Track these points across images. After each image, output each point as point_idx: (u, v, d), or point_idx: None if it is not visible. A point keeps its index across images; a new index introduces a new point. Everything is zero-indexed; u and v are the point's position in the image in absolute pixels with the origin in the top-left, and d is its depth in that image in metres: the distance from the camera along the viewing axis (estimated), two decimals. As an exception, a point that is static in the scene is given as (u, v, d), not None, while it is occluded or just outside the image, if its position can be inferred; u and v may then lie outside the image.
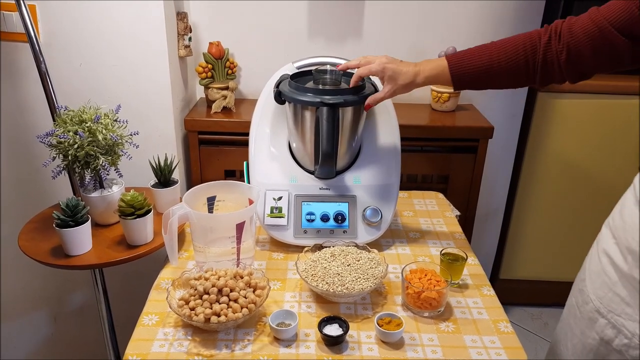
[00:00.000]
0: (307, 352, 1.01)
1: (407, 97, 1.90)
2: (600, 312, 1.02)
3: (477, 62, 1.11)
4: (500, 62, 1.09)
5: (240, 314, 1.04)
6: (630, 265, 0.96)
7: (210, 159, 1.75)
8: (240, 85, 1.90)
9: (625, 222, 0.98)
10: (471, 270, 1.28)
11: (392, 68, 1.16)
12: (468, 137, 1.75)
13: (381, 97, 1.20)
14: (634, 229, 0.95)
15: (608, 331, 1.00)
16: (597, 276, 1.04)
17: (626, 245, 0.97)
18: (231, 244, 1.20)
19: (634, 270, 0.95)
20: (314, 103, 1.22)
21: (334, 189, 1.34)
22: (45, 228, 1.38)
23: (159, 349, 1.02)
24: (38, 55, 1.36)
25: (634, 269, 0.95)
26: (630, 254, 0.96)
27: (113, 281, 1.64)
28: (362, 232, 1.32)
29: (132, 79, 1.57)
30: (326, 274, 1.14)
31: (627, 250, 0.96)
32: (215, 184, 1.28)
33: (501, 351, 1.03)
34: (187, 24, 1.66)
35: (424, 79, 1.16)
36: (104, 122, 1.30)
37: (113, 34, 1.52)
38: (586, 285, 1.08)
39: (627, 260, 0.97)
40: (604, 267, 1.03)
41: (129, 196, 1.27)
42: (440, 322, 1.10)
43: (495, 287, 1.26)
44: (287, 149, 1.39)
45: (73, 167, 1.31)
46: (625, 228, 0.98)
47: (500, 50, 1.09)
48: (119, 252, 1.29)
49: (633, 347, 0.95)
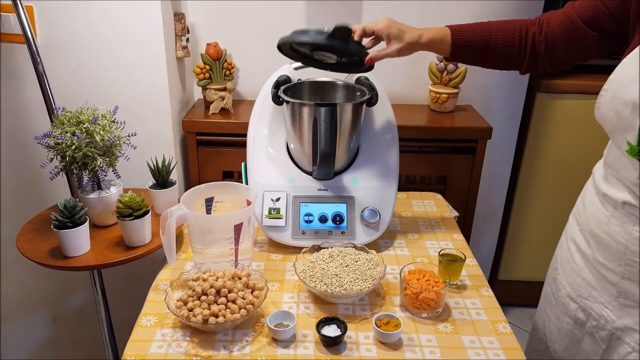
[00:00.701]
0: (305, 353, 1.01)
1: (406, 98, 1.91)
2: (571, 297, 1.11)
3: (478, 36, 1.18)
4: (497, 41, 1.17)
5: (239, 315, 1.03)
6: (593, 249, 1.04)
7: (208, 160, 1.74)
8: (238, 86, 1.90)
9: (587, 209, 1.07)
10: (470, 271, 1.28)
11: (398, 27, 1.19)
12: (466, 137, 1.75)
13: (386, 54, 1.20)
14: (594, 216, 1.03)
15: (579, 314, 1.08)
16: (567, 263, 1.13)
17: (588, 230, 1.05)
18: (229, 245, 1.20)
19: (596, 253, 1.02)
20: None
21: (332, 190, 1.34)
22: (43, 229, 1.37)
23: (157, 350, 1.02)
24: (35, 57, 1.36)
25: (596, 252, 1.03)
26: (592, 237, 1.04)
27: (112, 282, 1.64)
28: (361, 233, 1.32)
29: (129, 80, 1.57)
30: (324, 275, 1.14)
31: (590, 235, 1.05)
32: (213, 185, 1.28)
33: (499, 352, 1.02)
34: (185, 24, 1.66)
35: (427, 40, 1.18)
36: (101, 123, 1.30)
37: (110, 35, 1.52)
38: (559, 273, 1.17)
39: (590, 245, 1.05)
40: (572, 254, 1.12)
41: (127, 197, 1.27)
42: (439, 322, 1.10)
43: (494, 287, 1.26)
44: (285, 150, 1.39)
45: (71, 168, 1.31)
46: (587, 214, 1.06)
47: (500, 29, 1.17)
48: (117, 254, 1.29)
49: (601, 328, 1.04)
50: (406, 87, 1.91)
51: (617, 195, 0.97)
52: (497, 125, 1.86)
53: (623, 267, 0.97)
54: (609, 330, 1.02)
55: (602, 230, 1.01)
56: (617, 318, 1.01)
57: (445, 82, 1.80)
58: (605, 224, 1.00)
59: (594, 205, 1.04)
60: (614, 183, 0.99)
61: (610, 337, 1.02)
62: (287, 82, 1.36)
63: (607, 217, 1.00)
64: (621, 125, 0.92)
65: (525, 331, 2.27)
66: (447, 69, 1.79)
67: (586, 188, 1.11)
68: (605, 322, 1.03)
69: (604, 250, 1.01)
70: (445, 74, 1.80)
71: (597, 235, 1.02)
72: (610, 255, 0.99)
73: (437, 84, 1.83)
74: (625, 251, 0.96)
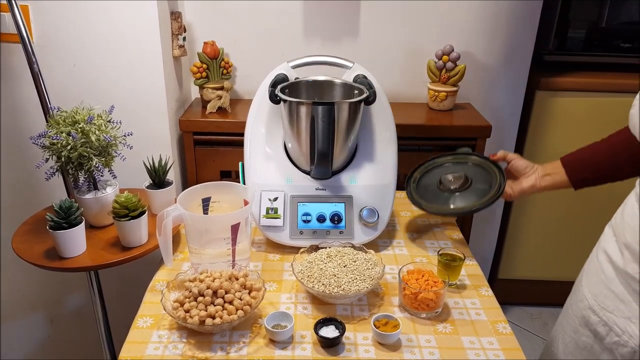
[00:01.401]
0: (303, 354, 1.00)
1: (404, 96, 1.91)
2: (593, 309, 1.06)
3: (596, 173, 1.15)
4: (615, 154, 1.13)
5: (236, 316, 1.02)
6: (626, 260, 0.99)
7: (205, 159, 1.73)
8: (235, 85, 1.89)
9: (625, 221, 1.02)
10: (469, 270, 1.27)
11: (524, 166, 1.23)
12: (466, 136, 1.74)
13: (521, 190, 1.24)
14: (632, 226, 0.98)
15: (600, 328, 1.03)
16: (595, 274, 1.08)
17: (624, 242, 1.00)
18: (226, 245, 1.19)
19: (629, 265, 0.98)
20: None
21: (330, 190, 1.33)
22: (39, 230, 1.37)
23: (154, 351, 1.01)
24: (30, 56, 1.35)
25: (628, 265, 0.98)
26: (627, 249, 0.99)
27: (109, 283, 1.63)
28: (359, 232, 1.31)
29: (126, 79, 1.56)
30: (322, 275, 1.13)
31: (624, 246, 1.00)
32: (210, 185, 1.27)
33: (499, 352, 1.01)
34: (182, 23, 1.65)
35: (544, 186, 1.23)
36: (97, 123, 1.29)
37: (107, 34, 1.51)
38: (582, 284, 1.12)
39: (623, 256, 1.00)
40: (601, 265, 1.06)
41: (123, 197, 1.26)
42: (438, 323, 1.09)
43: (494, 287, 1.25)
44: (282, 149, 1.38)
45: (67, 169, 1.30)
46: (624, 226, 1.01)
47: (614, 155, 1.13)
48: (114, 254, 1.28)
49: (622, 344, 0.99)
50: (405, 85, 1.90)
51: None
52: (497, 124, 1.85)
53: None
54: (632, 347, 0.98)
55: (636, 241, 0.97)
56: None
57: (444, 80, 1.79)
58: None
59: (633, 216, 1.00)
60: None
61: (632, 354, 0.98)
62: (284, 80, 1.35)
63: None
64: None
65: (525, 330, 2.26)
66: (446, 67, 1.78)
67: (628, 199, 1.06)
68: (629, 337, 0.98)
69: (637, 262, 0.97)
70: (444, 72, 1.79)
71: (631, 246, 0.98)
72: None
73: (436, 82, 1.82)
74: None
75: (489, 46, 1.85)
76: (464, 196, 1.32)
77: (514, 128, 2.01)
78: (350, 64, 1.40)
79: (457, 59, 1.77)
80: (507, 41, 1.85)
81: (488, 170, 1.29)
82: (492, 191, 1.27)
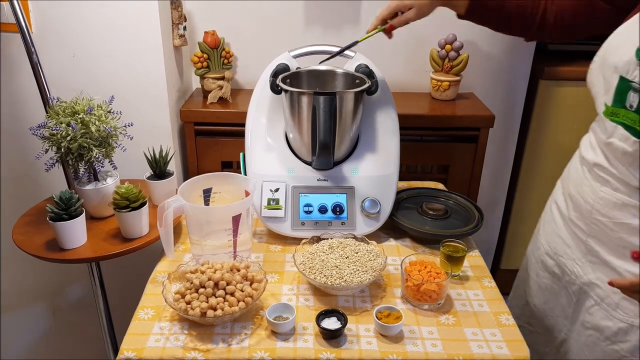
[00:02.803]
0: (305, 346, 1.00)
1: (406, 86, 1.89)
2: (549, 254, 1.24)
3: None
4: (511, 5, 1.19)
5: (237, 307, 1.02)
6: (569, 209, 1.16)
7: (206, 150, 1.72)
8: (236, 75, 1.88)
9: (570, 174, 1.19)
10: (472, 261, 1.26)
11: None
12: (469, 126, 1.73)
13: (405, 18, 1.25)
14: (574, 179, 1.15)
15: (556, 270, 1.22)
16: (548, 224, 1.26)
17: (568, 192, 1.17)
18: (227, 236, 1.18)
19: (571, 213, 1.15)
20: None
21: (332, 180, 1.32)
22: (39, 221, 1.36)
23: (155, 343, 1.00)
24: (30, 46, 1.34)
25: (571, 212, 1.15)
26: (569, 198, 1.16)
27: (110, 274, 1.63)
28: (361, 223, 1.30)
29: (126, 69, 1.55)
30: (324, 266, 1.12)
31: (568, 196, 1.17)
32: (211, 176, 1.26)
33: (502, 344, 1.01)
34: (182, 12, 1.63)
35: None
36: (97, 114, 1.28)
37: (106, 24, 1.49)
38: (539, 234, 1.30)
39: (567, 205, 1.17)
40: (553, 215, 1.24)
41: (124, 188, 1.25)
42: (440, 314, 1.09)
43: (497, 277, 1.25)
44: (284, 140, 1.37)
45: (66, 160, 1.29)
46: (569, 177, 1.18)
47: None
48: (114, 245, 1.27)
49: (572, 282, 1.16)
50: (407, 74, 1.88)
51: (591, 156, 1.08)
52: (500, 113, 1.83)
53: (590, 226, 1.08)
54: (579, 285, 1.14)
55: (576, 190, 1.12)
56: (584, 274, 1.12)
57: (447, 69, 1.78)
58: (579, 185, 1.12)
59: (575, 169, 1.15)
60: (591, 147, 1.09)
61: (579, 291, 1.14)
62: (285, 70, 1.34)
63: (581, 179, 1.11)
64: (604, 89, 1.02)
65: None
66: (449, 56, 1.76)
67: (574, 157, 1.21)
68: (576, 277, 1.15)
69: (576, 209, 1.12)
70: (446, 61, 1.77)
71: (573, 196, 1.14)
72: (580, 215, 1.11)
73: (439, 72, 1.80)
74: (591, 210, 1.07)
75: (492, 35, 1.82)
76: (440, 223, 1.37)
77: (517, 118, 2.00)
78: (352, 54, 1.38)
79: (460, 48, 1.75)
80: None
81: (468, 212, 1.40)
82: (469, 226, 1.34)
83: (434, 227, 1.33)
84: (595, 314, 1.10)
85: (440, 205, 1.40)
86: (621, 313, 1.05)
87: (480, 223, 1.33)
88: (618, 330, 1.06)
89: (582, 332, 1.14)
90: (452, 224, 1.34)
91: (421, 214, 1.38)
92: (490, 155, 1.92)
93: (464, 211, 1.41)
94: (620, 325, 1.06)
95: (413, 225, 1.31)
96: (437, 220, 1.36)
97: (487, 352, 0.99)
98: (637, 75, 0.93)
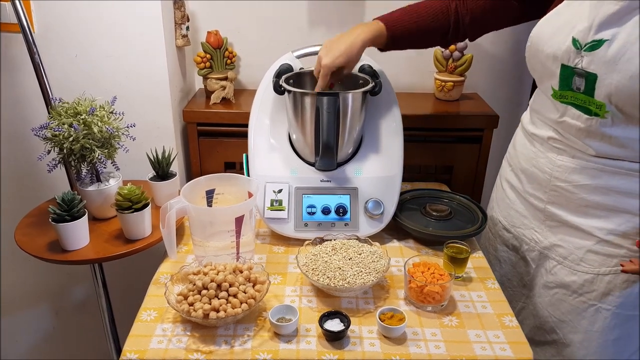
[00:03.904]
0: (308, 347, 0.99)
1: (410, 86, 1.88)
2: (506, 228, 1.34)
3: (409, 23, 1.24)
4: (427, 23, 1.25)
5: (240, 309, 1.02)
6: (523, 183, 1.25)
7: (209, 150, 1.72)
8: (239, 75, 1.87)
9: (517, 150, 1.29)
10: (475, 263, 1.26)
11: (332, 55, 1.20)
12: (473, 126, 1.72)
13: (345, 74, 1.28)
14: (523, 153, 1.24)
15: (514, 242, 1.32)
16: (502, 200, 1.36)
17: (519, 168, 1.26)
18: (230, 237, 1.18)
19: (527, 186, 1.24)
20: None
21: (335, 181, 1.32)
22: (42, 223, 1.36)
23: (158, 345, 1.00)
24: (32, 46, 1.34)
25: (526, 185, 1.24)
26: (522, 173, 1.25)
27: (113, 275, 1.63)
28: (364, 225, 1.30)
29: (129, 69, 1.54)
30: (327, 268, 1.12)
31: (520, 171, 1.26)
32: (214, 177, 1.26)
33: (506, 346, 1.00)
34: (185, 12, 1.63)
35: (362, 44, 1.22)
36: (99, 115, 1.27)
37: (109, 24, 1.49)
38: (495, 211, 1.40)
39: (520, 180, 1.26)
40: (505, 192, 1.34)
41: (126, 190, 1.25)
42: (444, 316, 1.08)
43: (500, 279, 1.24)
44: (287, 141, 1.36)
45: (69, 161, 1.29)
46: (517, 155, 1.28)
47: (428, 12, 1.25)
48: (117, 247, 1.27)
49: (531, 249, 1.26)
50: (411, 75, 1.87)
51: (542, 133, 1.18)
52: (504, 114, 1.82)
53: (548, 194, 1.18)
54: (538, 250, 1.24)
55: (530, 164, 1.21)
56: (544, 239, 1.22)
57: (451, 69, 1.77)
58: (533, 158, 1.21)
59: (524, 145, 1.25)
60: (539, 124, 1.20)
61: (540, 256, 1.24)
62: (288, 71, 1.34)
63: (534, 153, 1.20)
64: (546, 74, 1.11)
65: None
66: (453, 57, 1.75)
67: (516, 134, 1.33)
68: (535, 244, 1.24)
69: (532, 182, 1.22)
70: (450, 61, 1.76)
71: (526, 170, 1.23)
72: (538, 185, 1.20)
73: (443, 72, 1.79)
74: (550, 179, 1.16)
75: (496, 35, 1.82)
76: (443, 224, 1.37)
77: (521, 118, 1.99)
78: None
79: (464, 48, 1.74)
80: (515, 30, 1.82)
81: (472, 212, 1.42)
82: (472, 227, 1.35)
83: (437, 229, 1.32)
84: (558, 272, 1.20)
85: (443, 207, 1.40)
86: (585, 265, 1.15)
87: (484, 224, 1.32)
88: (584, 282, 1.16)
89: (545, 293, 1.23)
90: (455, 225, 1.34)
91: (424, 215, 1.37)
92: (494, 156, 1.91)
93: (467, 212, 1.41)
94: (586, 277, 1.15)
95: (416, 227, 1.31)
96: (441, 222, 1.35)
97: (490, 354, 0.98)
98: (579, 62, 1.02)
